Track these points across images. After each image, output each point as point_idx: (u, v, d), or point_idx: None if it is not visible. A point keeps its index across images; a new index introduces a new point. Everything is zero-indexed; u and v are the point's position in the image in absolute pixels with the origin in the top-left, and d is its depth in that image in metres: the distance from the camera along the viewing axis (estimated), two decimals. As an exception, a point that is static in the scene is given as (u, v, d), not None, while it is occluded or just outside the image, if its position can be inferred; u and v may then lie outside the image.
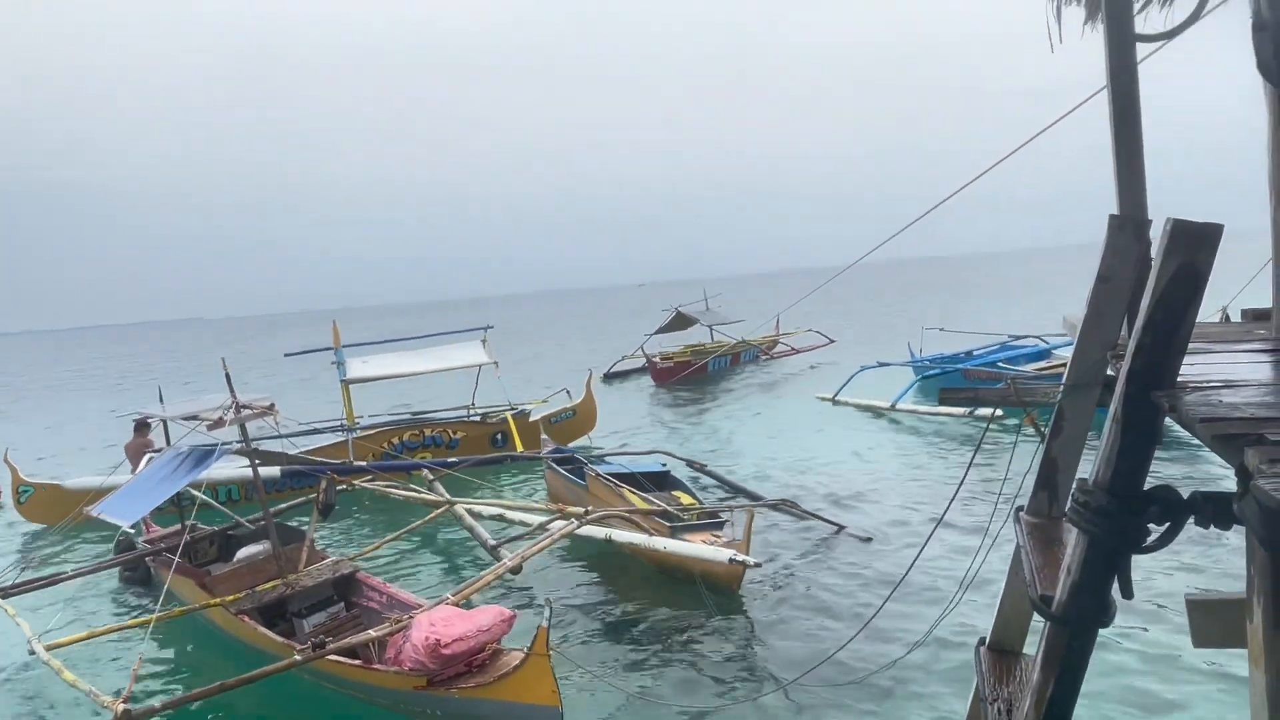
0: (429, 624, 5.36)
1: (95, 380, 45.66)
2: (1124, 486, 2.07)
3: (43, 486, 12.17)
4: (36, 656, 6.01)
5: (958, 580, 6.88)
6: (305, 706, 6.22)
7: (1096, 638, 2.22)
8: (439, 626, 5.32)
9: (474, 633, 5.33)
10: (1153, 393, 2.04)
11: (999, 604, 3.21)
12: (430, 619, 5.46)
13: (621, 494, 8.98)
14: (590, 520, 7.85)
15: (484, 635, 5.37)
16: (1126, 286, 2.68)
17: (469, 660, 5.32)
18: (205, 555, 7.98)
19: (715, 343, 25.47)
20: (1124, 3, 3.42)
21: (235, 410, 6.93)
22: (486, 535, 8.44)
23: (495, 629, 5.47)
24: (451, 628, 5.31)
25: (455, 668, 5.27)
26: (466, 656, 5.29)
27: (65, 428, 25.58)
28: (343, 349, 14.86)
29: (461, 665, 5.30)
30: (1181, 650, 5.67)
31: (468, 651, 5.28)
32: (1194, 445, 10.32)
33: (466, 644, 5.27)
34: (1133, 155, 3.14)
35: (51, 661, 5.82)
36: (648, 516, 8.19)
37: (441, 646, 5.17)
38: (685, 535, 7.78)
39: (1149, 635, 6.04)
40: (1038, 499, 3.02)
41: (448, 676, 5.26)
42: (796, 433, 14.82)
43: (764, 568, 7.76)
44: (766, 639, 6.69)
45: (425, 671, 5.23)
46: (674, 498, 9.30)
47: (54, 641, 6.10)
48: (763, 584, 7.72)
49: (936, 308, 41.80)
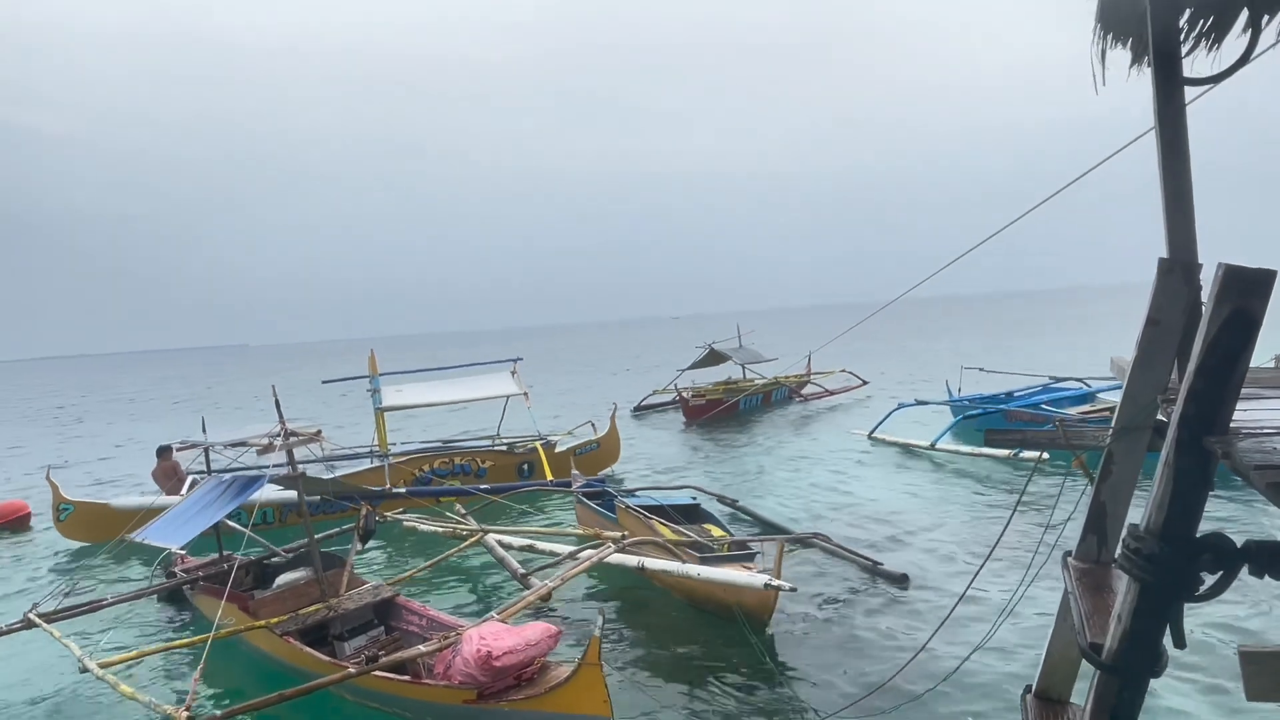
0: (479, 638, 5.42)
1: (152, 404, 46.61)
2: (1176, 533, 2.04)
3: (83, 505, 12.44)
4: (87, 675, 6.08)
5: (1008, 627, 6.77)
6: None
7: (1148, 688, 2.17)
8: (489, 639, 5.36)
9: (523, 646, 5.37)
10: (1205, 438, 2.02)
11: (1046, 650, 3.15)
12: (480, 633, 5.50)
13: (651, 525, 8.96)
14: (625, 545, 7.85)
15: (532, 649, 5.41)
16: (1177, 330, 2.66)
17: (518, 674, 5.34)
18: (242, 584, 8.07)
19: (747, 380, 25.33)
20: (1172, 46, 3.43)
21: (284, 436, 7.07)
22: (516, 564, 8.53)
23: (543, 643, 5.50)
24: (501, 641, 5.36)
25: (505, 681, 5.30)
26: (516, 669, 5.32)
27: (127, 449, 26.16)
28: (379, 377, 15.18)
29: (510, 678, 5.32)
30: (1236, 703, 5.47)
31: (517, 664, 5.31)
32: (1247, 491, 10.02)
33: (516, 657, 5.30)
34: (1181, 198, 3.13)
35: (107, 676, 5.90)
36: (679, 547, 8.16)
37: (493, 658, 5.21)
38: (716, 565, 7.72)
39: (1202, 687, 5.83)
40: (1086, 544, 2.97)
41: (498, 689, 5.28)
42: (831, 470, 14.63)
43: (795, 606, 7.69)
44: (797, 675, 6.58)
45: (475, 684, 5.26)
46: (704, 530, 9.24)
47: (105, 660, 6.18)
48: (794, 619, 7.62)
49: (977, 345, 41.32)
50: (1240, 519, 9.54)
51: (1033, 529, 9.26)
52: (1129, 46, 4.09)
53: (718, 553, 8.12)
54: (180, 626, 8.62)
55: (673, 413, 24.39)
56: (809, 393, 25.66)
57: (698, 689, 6.44)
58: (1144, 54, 3.84)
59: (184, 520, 7.15)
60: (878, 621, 7.43)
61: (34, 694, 7.13)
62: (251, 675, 6.91)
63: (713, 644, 7.23)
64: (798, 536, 9.76)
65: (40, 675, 7.49)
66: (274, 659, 6.79)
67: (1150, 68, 3.37)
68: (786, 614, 7.64)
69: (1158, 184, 3.20)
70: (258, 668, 6.98)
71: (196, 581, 8.36)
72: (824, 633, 7.32)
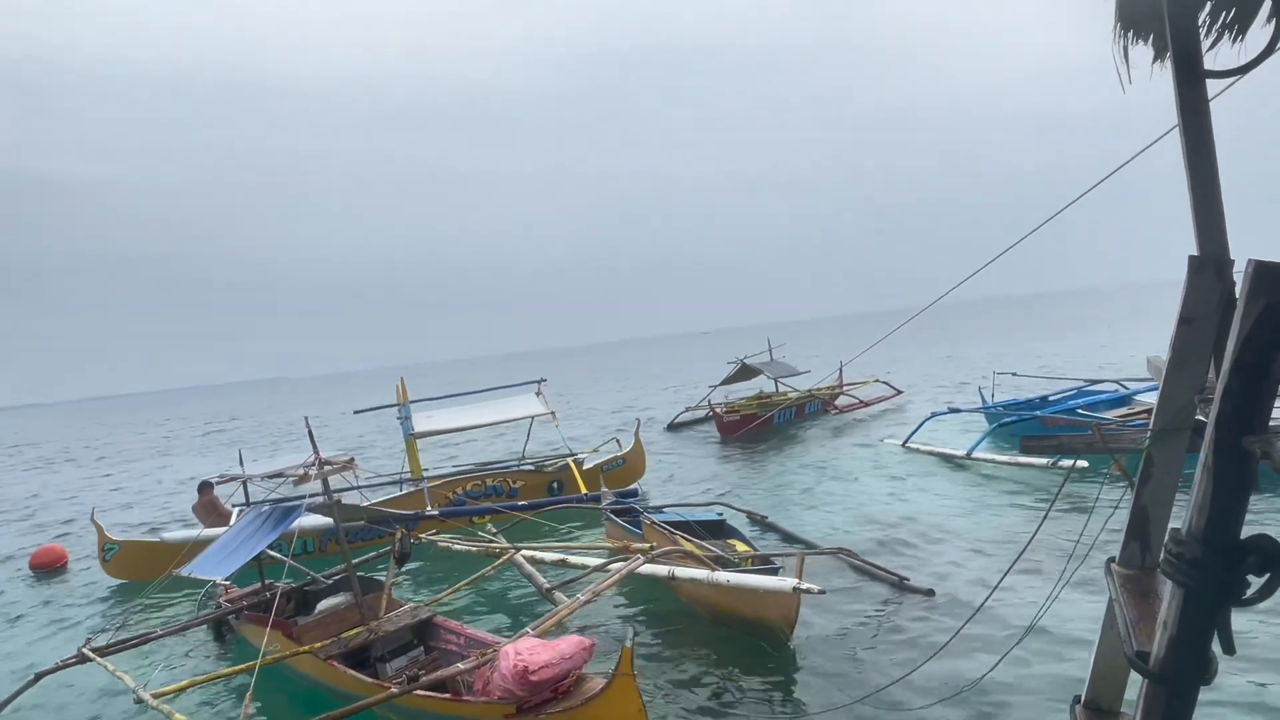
0: (515, 653, 5.50)
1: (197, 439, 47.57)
2: (1218, 536, 2.00)
3: (127, 544, 12.69)
4: (143, 706, 6.24)
5: (1057, 637, 6.65)
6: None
7: (1198, 696, 2.12)
8: (525, 655, 5.45)
9: (558, 660, 5.44)
10: (1244, 438, 1.97)
11: (1093, 659, 3.08)
12: (515, 649, 5.58)
13: (675, 540, 9.09)
14: (653, 556, 7.95)
15: (567, 663, 5.47)
16: (1211, 328, 2.61)
17: (554, 687, 5.42)
18: (285, 611, 8.21)
19: (780, 394, 25.14)
20: (1192, 39, 3.39)
21: (318, 466, 7.20)
22: (542, 580, 8.76)
23: (577, 656, 5.56)
24: (537, 655, 5.43)
25: (542, 694, 5.38)
26: (553, 683, 5.40)
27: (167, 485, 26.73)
28: (409, 404, 15.44)
29: (548, 692, 5.40)
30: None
31: (554, 678, 5.38)
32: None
33: (552, 670, 5.37)
34: (1209, 194, 3.07)
35: (161, 707, 6.05)
36: (702, 561, 8.23)
37: (529, 673, 5.29)
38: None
39: (1255, 693, 5.64)
40: (1129, 550, 2.91)
41: (535, 703, 5.36)
42: (864, 482, 14.47)
43: (820, 620, 7.69)
44: (822, 686, 6.59)
45: (514, 699, 5.34)
46: (729, 545, 9.35)
47: (158, 690, 6.34)
48: (818, 633, 7.59)
49: (1010, 350, 40.66)
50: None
51: (1072, 536, 9.07)
52: (1150, 43, 4.04)
53: (740, 567, 8.17)
54: (226, 655, 8.78)
55: (707, 427, 24.30)
56: (843, 404, 25.38)
57: (723, 701, 6.49)
58: (1165, 50, 3.79)
59: (227, 553, 7.32)
60: (902, 635, 7.37)
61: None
62: (298, 700, 7.04)
63: (737, 657, 7.25)
64: (822, 551, 9.75)
65: (98, 708, 7.69)
66: (319, 682, 6.92)
67: (1170, 62, 3.33)
68: (811, 627, 7.64)
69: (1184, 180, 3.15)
70: (303, 692, 7.10)
71: (241, 611, 8.53)
72: (848, 646, 7.28)
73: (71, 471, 35.18)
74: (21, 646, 10.25)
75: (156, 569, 10.05)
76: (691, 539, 9.13)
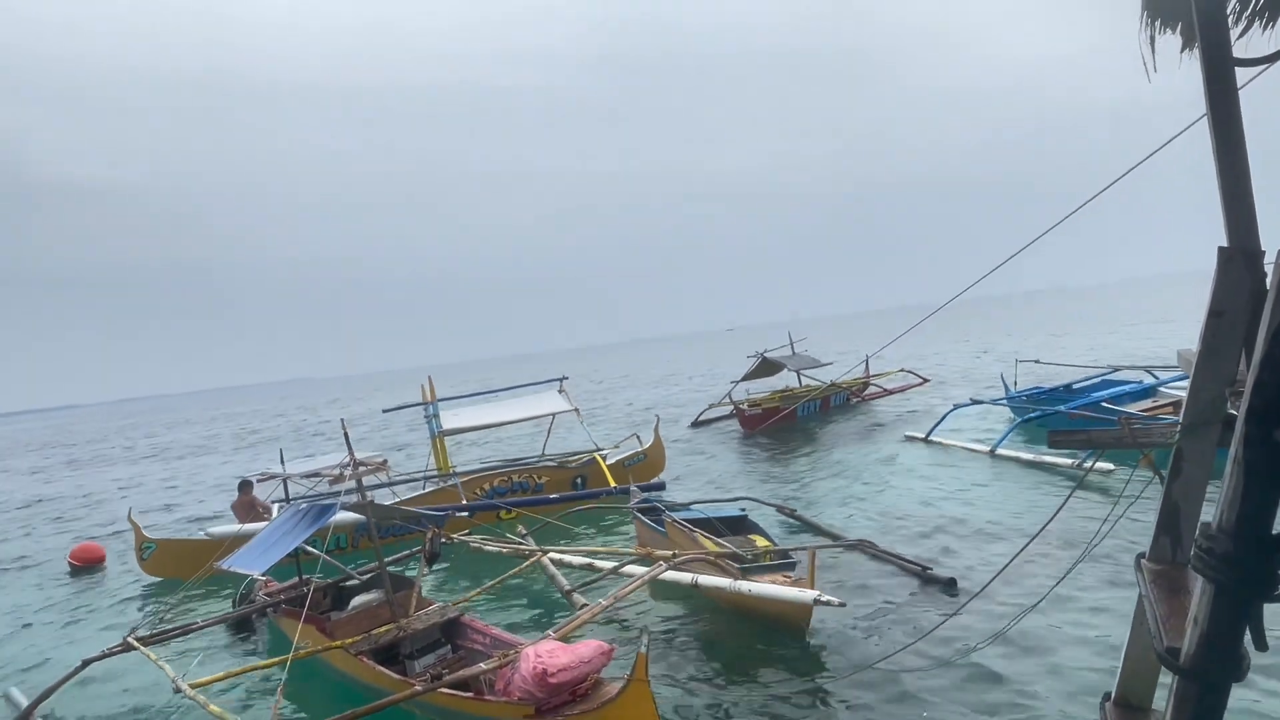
0: (535, 656, 5.64)
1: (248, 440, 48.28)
2: (1250, 531, 1.97)
3: (164, 543, 12.97)
4: (180, 695, 6.42)
5: (1087, 633, 6.58)
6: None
7: (1230, 693, 2.09)
8: (545, 658, 5.59)
9: (577, 663, 5.57)
10: (1276, 431, 1.95)
11: (1124, 656, 3.05)
12: (536, 651, 5.73)
13: (695, 538, 9.26)
14: (676, 563, 8.04)
15: (586, 666, 5.61)
16: (1241, 320, 2.57)
17: (573, 690, 5.55)
18: (320, 606, 8.39)
19: (804, 387, 24.99)
20: (1220, 26, 3.33)
21: (353, 466, 7.36)
22: (565, 582, 8.96)
23: (596, 660, 5.69)
24: (556, 659, 5.57)
25: (561, 697, 5.51)
26: (571, 686, 5.53)
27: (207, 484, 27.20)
28: (437, 403, 15.62)
29: (567, 694, 5.53)
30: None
31: (572, 681, 5.51)
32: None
33: (571, 674, 5.50)
34: (1239, 184, 3.02)
35: (197, 697, 6.23)
36: (721, 558, 8.38)
37: (549, 676, 5.43)
38: (754, 576, 7.97)
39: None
40: (1159, 545, 2.88)
41: (554, 705, 5.49)
42: (886, 476, 14.37)
43: (841, 612, 7.65)
44: (842, 680, 6.61)
45: (533, 701, 5.48)
46: (749, 541, 9.45)
47: (196, 681, 6.52)
48: (839, 625, 7.61)
49: (1032, 342, 40.12)
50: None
51: (1110, 532, 8.96)
52: (1178, 31, 3.98)
53: (758, 562, 8.34)
54: (258, 649, 9.00)
55: (731, 424, 24.23)
56: (869, 393, 25.23)
57: (743, 697, 6.55)
58: (1194, 38, 3.73)
59: (265, 548, 7.52)
60: (924, 625, 7.36)
61: (133, 713, 7.62)
62: (329, 693, 7.20)
63: (757, 652, 7.32)
64: (843, 544, 9.84)
65: (138, 696, 7.99)
66: (349, 677, 7.09)
67: (1199, 51, 3.28)
68: (832, 618, 7.67)
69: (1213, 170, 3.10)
70: (334, 686, 7.26)
71: (279, 605, 8.75)
72: (868, 638, 7.32)
73: (111, 470, 35.90)
74: (61, 639, 10.55)
75: (194, 565, 10.28)
76: (710, 536, 9.28)
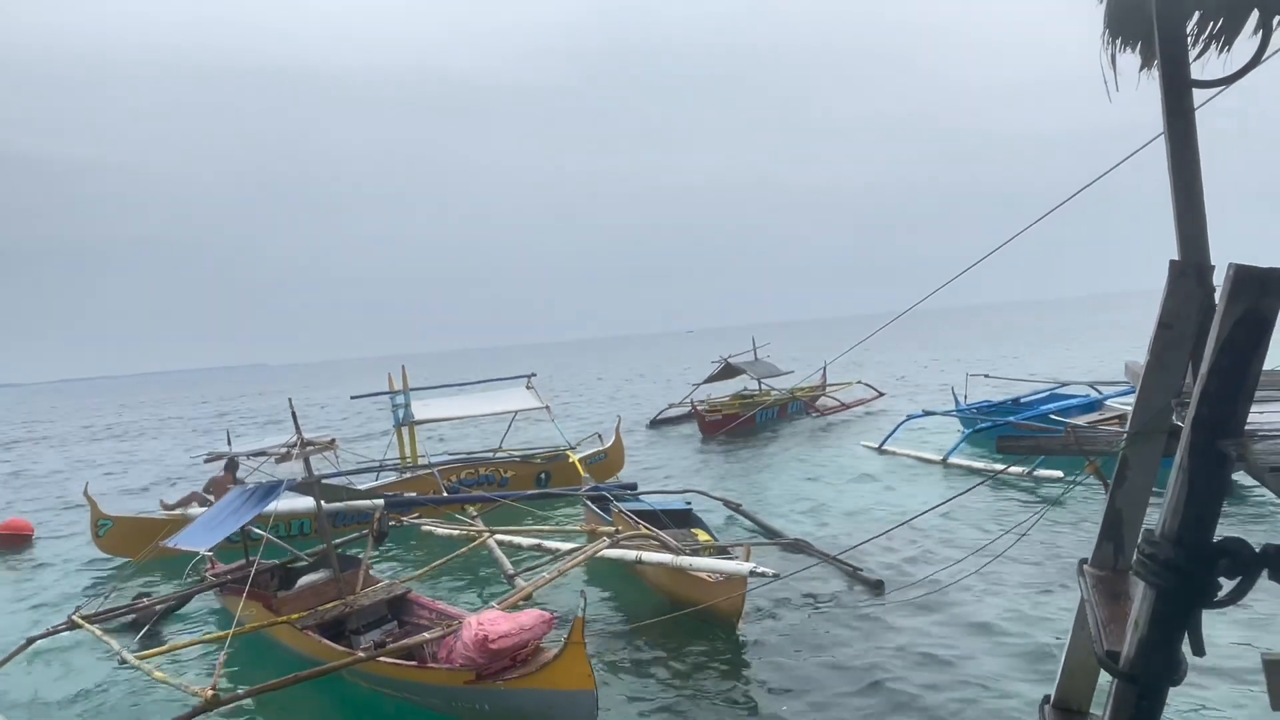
0: (477, 624, 5.79)
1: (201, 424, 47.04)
2: (1192, 538, 2.01)
3: (121, 520, 12.56)
4: (125, 669, 6.46)
5: (1028, 637, 6.72)
6: (363, 714, 6.70)
7: (1167, 697, 2.13)
8: (486, 625, 5.74)
9: (518, 630, 5.72)
10: (1220, 441, 1.99)
11: (1063, 659, 3.11)
12: (479, 619, 5.87)
13: (640, 528, 9.44)
14: (618, 541, 8.35)
15: (527, 633, 5.76)
16: (1190, 333, 2.63)
17: (513, 656, 5.71)
18: (267, 587, 8.39)
19: (763, 393, 25.06)
20: (1179, 48, 3.41)
21: (300, 445, 7.29)
22: (508, 565, 9.15)
23: (537, 628, 5.85)
24: (498, 626, 5.72)
25: (501, 662, 5.67)
26: (512, 652, 5.68)
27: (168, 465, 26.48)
28: (407, 393, 15.46)
29: (507, 660, 5.69)
30: (1259, 713, 5.36)
31: (513, 647, 5.66)
32: (1264, 495, 9.85)
33: (511, 640, 5.65)
34: (1192, 201, 3.10)
35: (142, 665, 6.23)
36: (661, 549, 8.61)
37: (489, 642, 5.57)
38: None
39: (1223, 696, 5.72)
40: (1102, 551, 2.93)
41: (494, 670, 5.65)
42: (838, 483, 14.56)
43: (770, 605, 8.07)
44: (764, 667, 6.88)
45: (474, 667, 5.64)
46: (691, 534, 9.67)
47: (141, 653, 6.54)
48: (767, 618, 7.87)
49: (991, 354, 40.93)
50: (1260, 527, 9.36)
51: (1040, 538, 9.21)
52: (1138, 51, 4.07)
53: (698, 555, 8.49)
54: (205, 628, 8.87)
55: (689, 425, 24.26)
56: (825, 406, 25.26)
57: (673, 675, 6.84)
58: (1153, 58, 3.81)
59: (212, 526, 7.52)
60: (850, 622, 7.65)
61: (77, 689, 7.53)
62: (274, 668, 7.21)
63: (688, 636, 7.56)
64: (781, 542, 10.11)
65: (81, 674, 7.88)
66: (295, 652, 7.21)
67: (1158, 71, 3.35)
68: (761, 611, 7.97)
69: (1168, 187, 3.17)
70: (282, 661, 7.32)
71: (225, 584, 8.73)
72: (794, 632, 7.57)
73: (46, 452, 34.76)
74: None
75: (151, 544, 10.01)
76: (652, 528, 9.40)
